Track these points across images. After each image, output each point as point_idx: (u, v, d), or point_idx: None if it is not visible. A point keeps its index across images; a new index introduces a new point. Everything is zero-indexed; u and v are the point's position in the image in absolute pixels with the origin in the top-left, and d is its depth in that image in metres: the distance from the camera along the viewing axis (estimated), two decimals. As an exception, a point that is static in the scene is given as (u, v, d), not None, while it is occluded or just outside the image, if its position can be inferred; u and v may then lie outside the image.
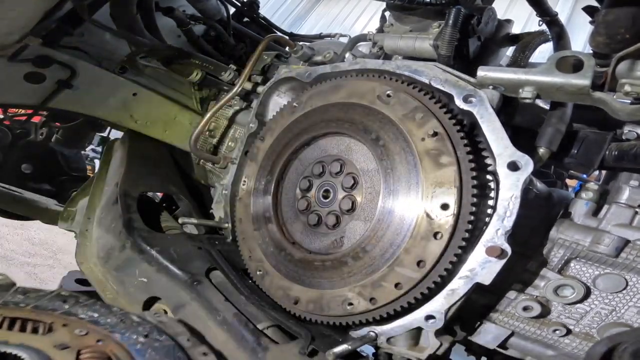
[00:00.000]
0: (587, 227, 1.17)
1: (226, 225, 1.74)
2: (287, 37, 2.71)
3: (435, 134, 1.15)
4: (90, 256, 1.82)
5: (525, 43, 1.54)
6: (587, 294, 1.18)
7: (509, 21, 1.64)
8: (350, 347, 1.19)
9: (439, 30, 1.42)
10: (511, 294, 1.25)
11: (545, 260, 1.21)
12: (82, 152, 3.57)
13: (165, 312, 1.65)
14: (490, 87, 1.19)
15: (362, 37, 1.79)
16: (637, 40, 1.00)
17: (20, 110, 3.09)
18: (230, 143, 2.05)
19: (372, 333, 1.22)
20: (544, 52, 1.58)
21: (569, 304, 1.20)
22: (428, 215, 1.12)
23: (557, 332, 1.22)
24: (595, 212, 1.20)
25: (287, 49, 1.96)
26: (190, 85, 2.31)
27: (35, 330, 1.01)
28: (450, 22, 1.34)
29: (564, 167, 1.94)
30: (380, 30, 1.79)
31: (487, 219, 1.11)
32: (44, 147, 3.14)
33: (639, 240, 1.10)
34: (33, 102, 2.20)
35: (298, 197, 1.42)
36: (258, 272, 1.45)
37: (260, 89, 1.97)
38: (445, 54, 1.37)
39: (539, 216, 1.23)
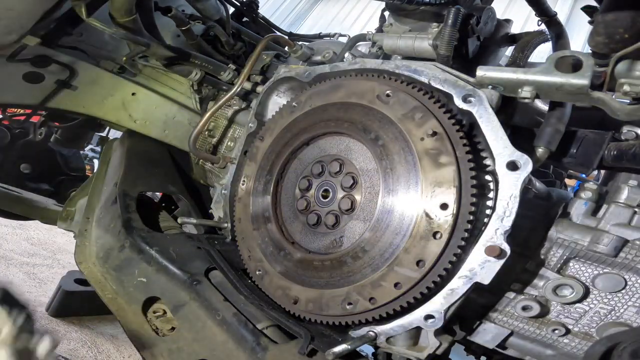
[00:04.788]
0: (586, 227, 1.17)
1: (225, 225, 1.74)
2: (286, 37, 2.70)
3: (434, 133, 1.15)
4: (90, 256, 1.82)
5: (524, 43, 1.54)
6: (586, 293, 1.18)
7: (508, 21, 1.64)
8: (349, 347, 1.19)
9: (438, 30, 1.42)
10: (510, 294, 1.25)
11: (544, 259, 1.21)
12: (81, 151, 3.57)
13: (165, 312, 1.65)
14: (490, 86, 1.18)
15: (361, 37, 1.79)
16: (636, 40, 0.99)
17: (19, 110, 3.09)
18: (229, 143, 2.05)
19: (371, 333, 1.21)
20: (543, 52, 1.58)
21: (568, 304, 1.20)
22: (427, 215, 1.11)
23: (556, 331, 1.22)
24: (594, 212, 1.20)
25: (286, 48, 1.96)
26: (190, 85, 2.31)
27: None
28: (450, 21, 1.34)
29: (563, 167, 1.94)
30: (380, 30, 1.79)
31: (486, 219, 1.11)
32: (43, 146, 3.13)
33: (638, 240, 1.10)
34: (32, 101, 2.20)
35: (297, 197, 1.42)
36: (257, 272, 1.44)
37: (259, 88, 1.96)
38: (445, 54, 1.37)
39: (538, 216, 1.23)
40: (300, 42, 1.95)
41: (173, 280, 1.63)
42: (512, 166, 1.08)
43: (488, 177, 1.16)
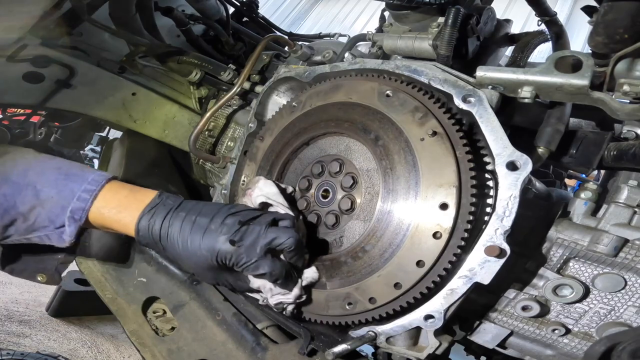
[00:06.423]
0: (586, 227, 1.17)
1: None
2: (286, 37, 2.71)
3: (434, 133, 1.15)
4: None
5: (524, 43, 1.54)
6: (586, 293, 1.18)
7: (508, 21, 1.64)
8: (349, 347, 1.19)
9: (438, 30, 1.42)
10: (510, 294, 1.25)
11: (544, 259, 1.21)
12: (81, 151, 3.57)
13: (165, 312, 1.65)
14: (489, 86, 1.19)
15: (361, 37, 1.79)
16: (636, 40, 1.00)
17: (19, 110, 3.08)
18: (229, 143, 2.05)
19: (371, 333, 1.21)
20: (542, 52, 1.58)
21: (568, 304, 1.20)
22: (427, 215, 1.11)
23: (556, 331, 1.22)
24: (594, 212, 1.20)
25: (286, 48, 1.96)
26: (190, 85, 2.31)
27: None
28: (450, 21, 1.34)
29: (563, 167, 1.94)
30: (380, 30, 1.79)
31: (486, 219, 1.11)
32: (43, 147, 3.13)
33: (638, 240, 1.10)
34: (32, 101, 2.20)
35: (297, 197, 1.42)
36: (257, 272, 1.44)
37: (258, 88, 1.97)
38: (445, 54, 1.37)
39: (538, 216, 1.23)
40: (300, 42, 1.95)
41: (173, 280, 1.64)
42: (512, 166, 1.08)
43: (488, 177, 1.16)
